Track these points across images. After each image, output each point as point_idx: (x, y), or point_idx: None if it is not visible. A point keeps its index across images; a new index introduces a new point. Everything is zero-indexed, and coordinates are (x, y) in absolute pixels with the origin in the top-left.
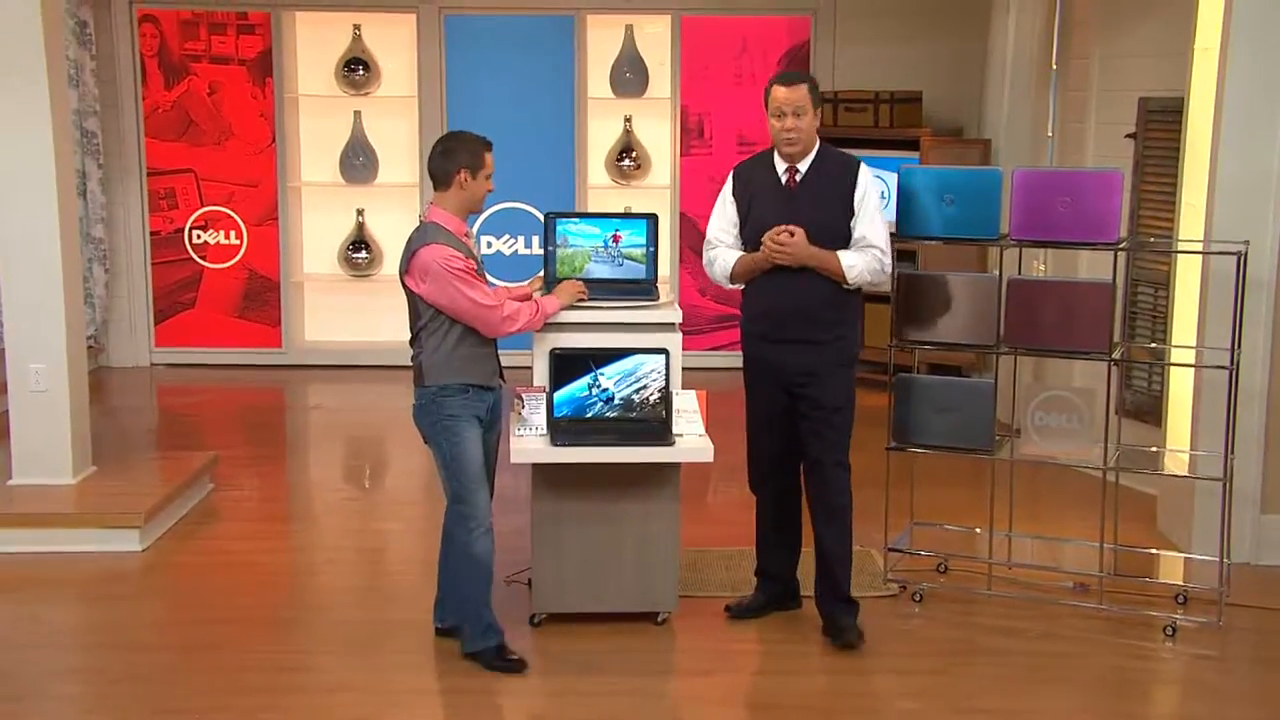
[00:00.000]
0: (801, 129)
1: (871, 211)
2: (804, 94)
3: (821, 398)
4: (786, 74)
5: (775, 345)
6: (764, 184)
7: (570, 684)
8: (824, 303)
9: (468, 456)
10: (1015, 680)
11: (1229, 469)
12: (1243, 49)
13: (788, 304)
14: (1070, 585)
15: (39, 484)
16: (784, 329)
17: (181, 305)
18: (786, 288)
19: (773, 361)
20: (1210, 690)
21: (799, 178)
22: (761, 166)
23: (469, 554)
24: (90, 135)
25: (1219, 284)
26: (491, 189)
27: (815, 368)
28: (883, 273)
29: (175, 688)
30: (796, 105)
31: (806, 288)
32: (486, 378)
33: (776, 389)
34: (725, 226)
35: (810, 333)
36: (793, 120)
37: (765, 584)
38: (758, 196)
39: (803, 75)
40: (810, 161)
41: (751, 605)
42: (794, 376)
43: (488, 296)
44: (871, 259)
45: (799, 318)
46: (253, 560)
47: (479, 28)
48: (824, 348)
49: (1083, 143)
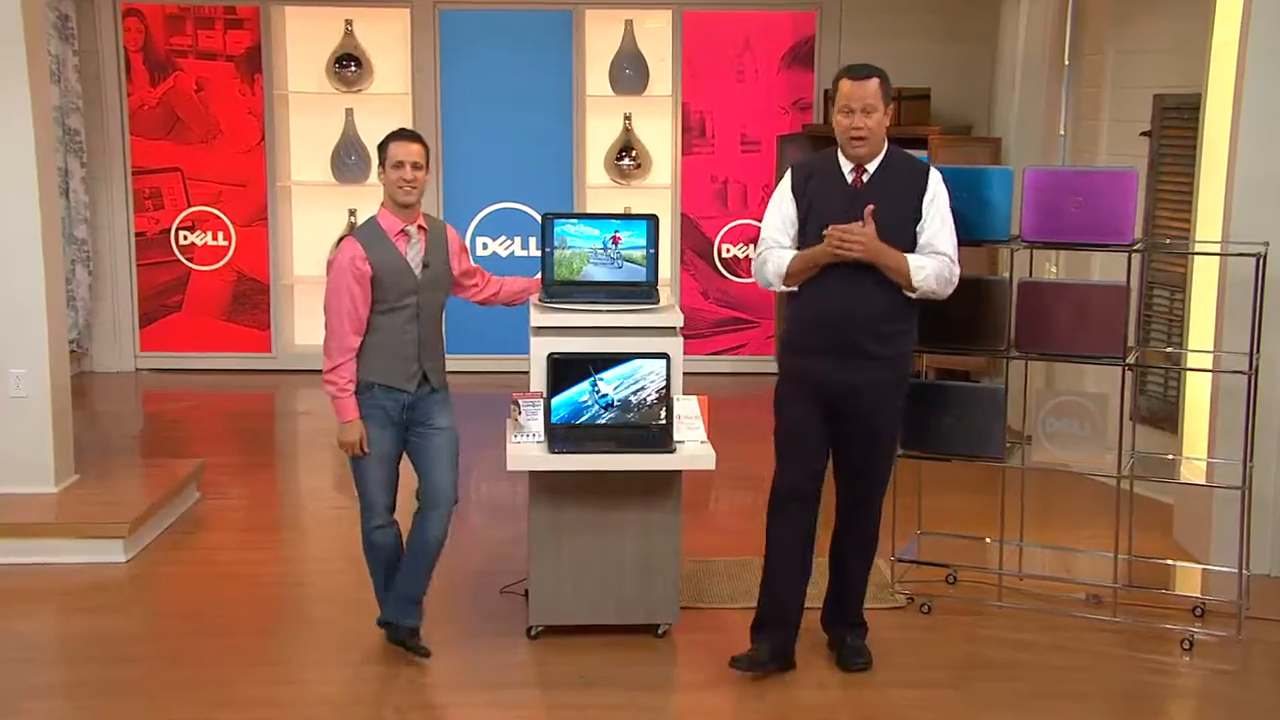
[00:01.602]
0: (870, 127)
1: (940, 216)
2: (874, 89)
3: (872, 421)
4: (856, 66)
5: (824, 357)
6: (828, 182)
7: (568, 698)
8: (884, 313)
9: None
10: (1027, 695)
11: (1248, 477)
12: (1263, 43)
13: (843, 310)
14: (1083, 597)
15: (20, 492)
16: (836, 338)
17: (167, 308)
18: (843, 292)
19: (819, 376)
20: (1229, 706)
21: (866, 178)
22: (825, 163)
23: (365, 544)
24: (73, 133)
25: (1237, 286)
26: (407, 178)
27: (866, 386)
28: (950, 283)
29: (161, 702)
30: (866, 102)
31: (867, 293)
32: (396, 379)
33: (817, 407)
34: (783, 226)
35: (866, 345)
36: (861, 118)
37: (771, 633)
38: (820, 194)
39: (874, 69)
40: (879, 162)
41: (759, 659)
42: (841, 394)
43: (343, 328)
44: (941, 265)
45: (855, 327)
46: (241, 571)
47: (474, 23)
48: (879, 364)
49: (1096, 141)
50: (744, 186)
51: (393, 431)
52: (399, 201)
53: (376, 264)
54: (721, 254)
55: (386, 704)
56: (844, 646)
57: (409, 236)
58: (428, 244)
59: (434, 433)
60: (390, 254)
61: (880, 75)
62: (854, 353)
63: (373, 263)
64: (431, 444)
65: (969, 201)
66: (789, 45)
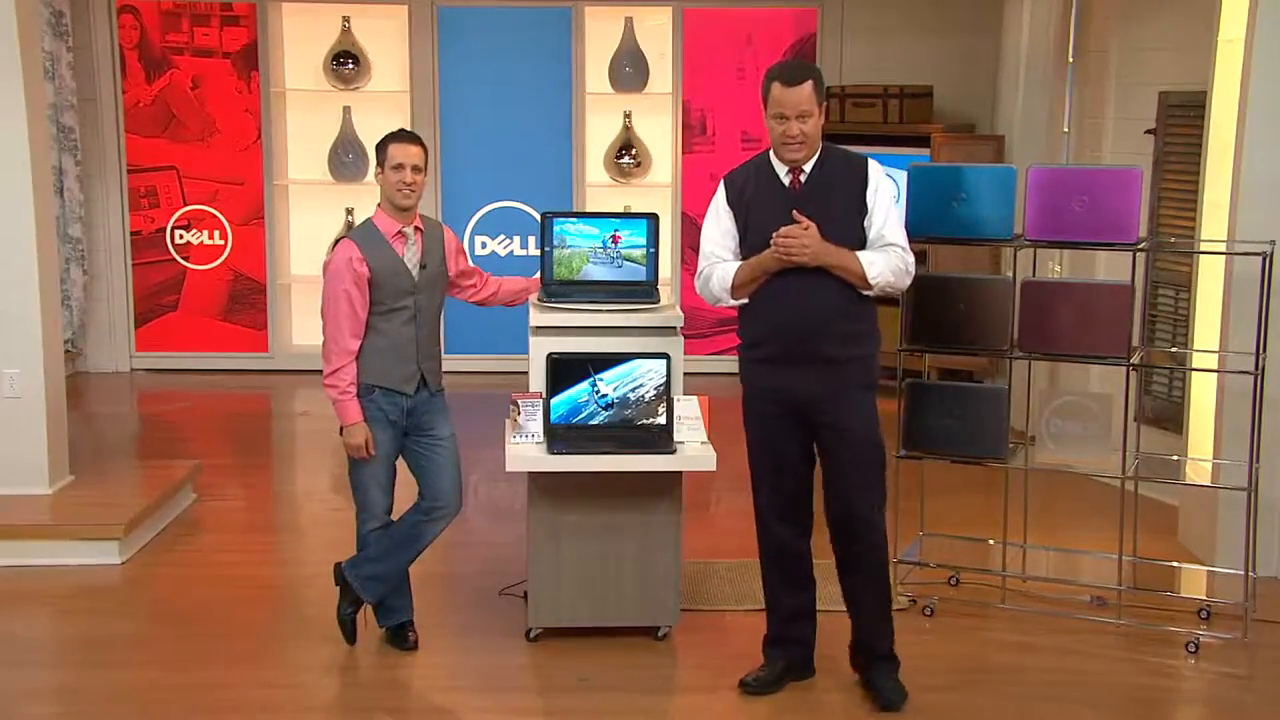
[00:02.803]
0: (806, 132)
1: (886, 207)
2: (808, 95)
3: (848, 426)
4: (787, 68)
5: (784, 368)
6: (764, 188)
7: (568, 702)
8: (840, 314)
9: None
10: (1031, 698)
11: (1254, 478)
12: (1269, 40)
13: (798, 317)
14: (1088, 599)
15: (14, 494)
16: (794, 346)
17: (163, 308)
18: (797, 298)
19: (786, 389)
20: (1235, 709)
21: (804, 178)
22: (758, 170)
23: (361, 546)
24: (67, 130)
25: (1243, 286)
26: (407, 180)
27: (833, 391)
28: (906, 273)
29: (156, 706)
30: (800, 109)
31: (820, 296)
32: (395, 382)
33: (792, 424)
34: (722, 240)
35: (826, 349)
36: (797, 124)
37: (781, 650)
38: (758, 202)
39: (806, 70)
40: (815, 161)
41: (768, 677)
42: (808, 404)
43: (342, 331)
44: (894, 257)
45: (813, 331)
46: (237, 573)
47: (473, 20)
48: (842, 368)
49: (1100, 139)
50: None
51: (392, 433)
52: (398, 205)
53: (374, 265)
54: None
55: (383, 707)
56: (874, 684)
57: (406, 238)
58: (425, 245)
59: (438, 443)
60: (387, 255)
61: (814, 76)
62: (814, 359)
63: (370, 264)
64: (436, 454)
65: (971, 200)
66: (790, 42)
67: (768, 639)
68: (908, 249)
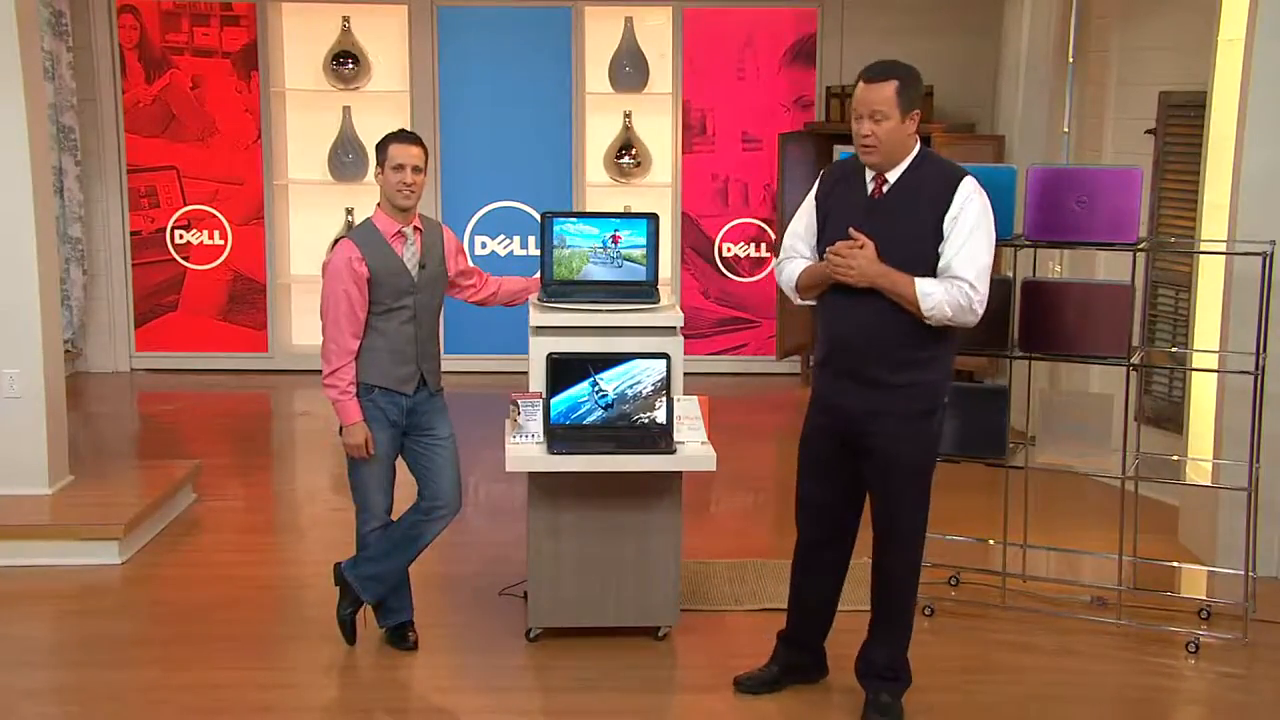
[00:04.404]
0: (880, 135)
1: (964, 236)
2: (887, 95)
3: (892, 454)
4: (875, 66)
5: (841, 379)
6: (849, 190)
7: (567, 702)
8: (900, 338)
9: (357, 458)
10: (1031, 699)
11: (1254, 479)
12: (1270, 40)
13: (850, 334)
14: (1088, 599)
15: (14, 494)
16: (849, 361)
17: (163, 308)
18: (852, 313)
19: (830, 400)
20: (1235, 710)
21: (886, 188)
22: (852, 170)
23: (360, 547)
24: (67, 130)
25: (1243, 286)
26: (408, 181)
27: (880, 414)
28: (970, 310)
29: (155, 707)
30: (874, 108)
31: (877, 315)
32: (394, 382)
33: (831, 434)
34: (803, 234)
35: (874, 369)
36: (869, 125)
37: (785, 651)
38: (840, 203)
39: (892, 69)
40: (903, 170)
41: (765, 678)
42: (853, 423)
43: (341, 331)
44: (956, 291)
45: (865, 350)
46: (237, 573)
47: (473, 19)
48: (890, 392)
49: (1100, 139)
50: (745, 185)
51: (392, 433)
52: (397, 205)
53: (373, 265)
54: (722, 253)
55: (383, 707)
56: (873, 703)
57: (405, 238)
58: (424, 245)
59: (438, 444)
60: (387, 255)
61: (900, 77)
62: (866, 379)
63: (370, 264)
64: (437, 455)
65: None
66: (790, 42)
67: (778, 635)
68: (978, 284)
